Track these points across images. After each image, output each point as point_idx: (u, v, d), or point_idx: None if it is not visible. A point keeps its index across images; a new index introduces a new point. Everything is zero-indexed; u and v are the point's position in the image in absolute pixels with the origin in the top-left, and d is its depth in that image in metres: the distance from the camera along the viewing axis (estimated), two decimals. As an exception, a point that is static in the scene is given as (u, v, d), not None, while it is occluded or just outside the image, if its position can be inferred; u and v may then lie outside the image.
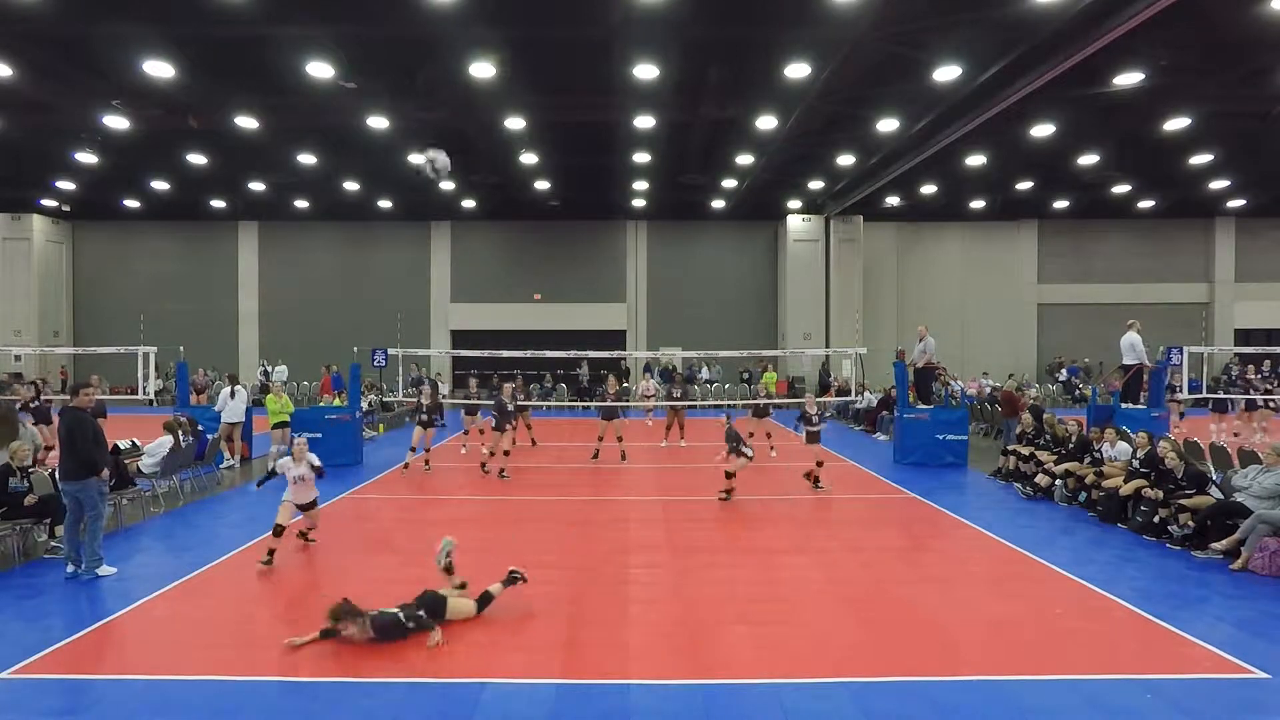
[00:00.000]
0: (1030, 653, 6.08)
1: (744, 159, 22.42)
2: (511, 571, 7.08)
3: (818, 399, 14.81)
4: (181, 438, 12.10)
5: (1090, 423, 13.63)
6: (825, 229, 29.84)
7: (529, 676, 5.66)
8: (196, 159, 22.24)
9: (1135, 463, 10.46)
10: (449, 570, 7.08)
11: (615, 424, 15.72)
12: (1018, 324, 31.78)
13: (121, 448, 11.35)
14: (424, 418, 14.29)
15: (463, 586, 6.99)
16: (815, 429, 12.43)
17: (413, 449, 14.38)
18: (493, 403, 14.28)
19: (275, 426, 14.84)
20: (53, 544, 8.68)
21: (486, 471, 13.77)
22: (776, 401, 22.97)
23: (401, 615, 6.19)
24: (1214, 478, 9.78)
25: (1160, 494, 9.46)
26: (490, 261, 31.81)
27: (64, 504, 8.01)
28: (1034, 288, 31.80)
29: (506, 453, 14.03)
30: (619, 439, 15.49)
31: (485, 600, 6.75)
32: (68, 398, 8.19)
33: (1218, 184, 25.84)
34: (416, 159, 19.78)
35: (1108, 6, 11.86)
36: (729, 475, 11.61)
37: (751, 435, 16.40)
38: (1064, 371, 29.91)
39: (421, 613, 6.28)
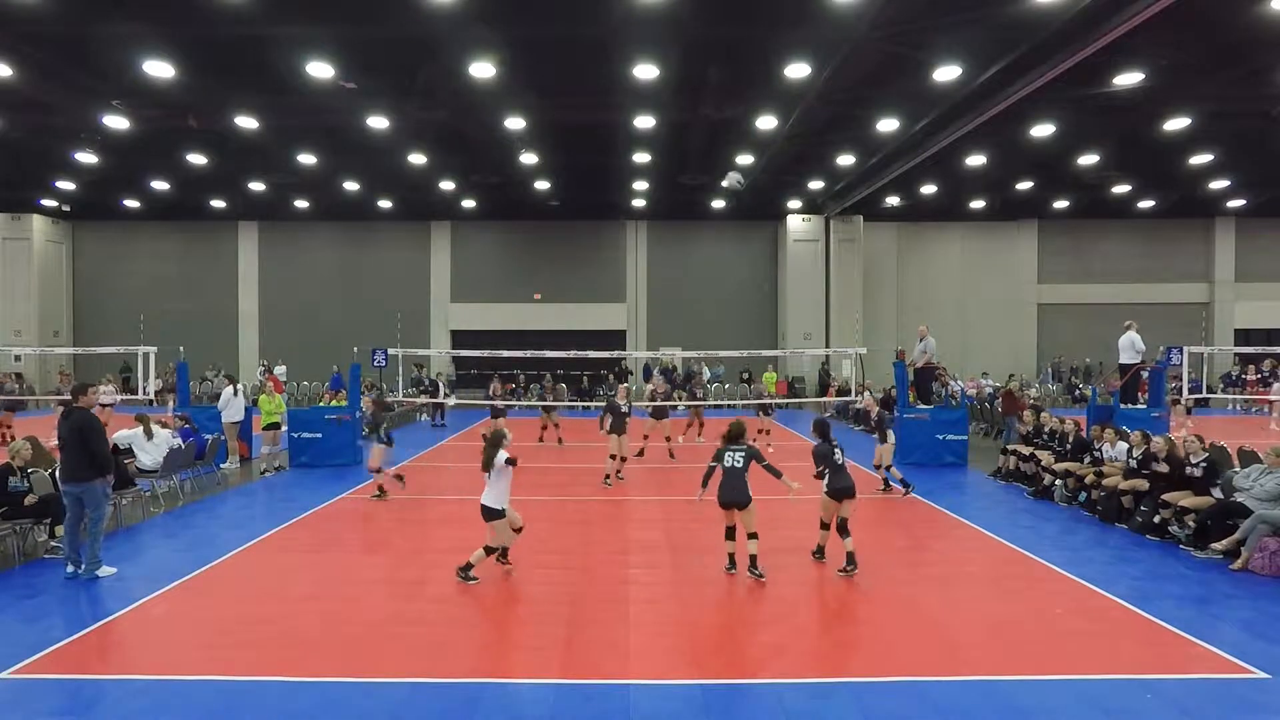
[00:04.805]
0: (1030, 653, 6.08)
1: (744, 159, 22.40)
2: None
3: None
4: (171, 436, 12.07)
5: (1090, 423, 13.64)
6: (825, 229, 29.83)
7: (529, 676, 5.66)
8: (196, 159, 22.21)
9: (1133, 462, 10.44)
10: None
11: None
12: (1018, 324, 31.75)
13: (121, 447, 11.33)
14: (381, 435, 11.97)
15: None
16: None
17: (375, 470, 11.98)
18: (606, 405, 13.62)
19: (266, 428, 14.48)
20: (53, 544, 8.67)
21: (609, 483, 12.99)
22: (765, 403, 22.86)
23: None
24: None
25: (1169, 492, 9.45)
26: (490, 261, 31.79)
27: (64, 504, 8.00)
28: (1034, 288, 31.78)
29: (624, 458, 13.27)
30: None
31: None
32: (70, 398, 8.18)
33: (1218, 184, 25.81)
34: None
35: (1108, 6, 11.86)
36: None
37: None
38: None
39: None
